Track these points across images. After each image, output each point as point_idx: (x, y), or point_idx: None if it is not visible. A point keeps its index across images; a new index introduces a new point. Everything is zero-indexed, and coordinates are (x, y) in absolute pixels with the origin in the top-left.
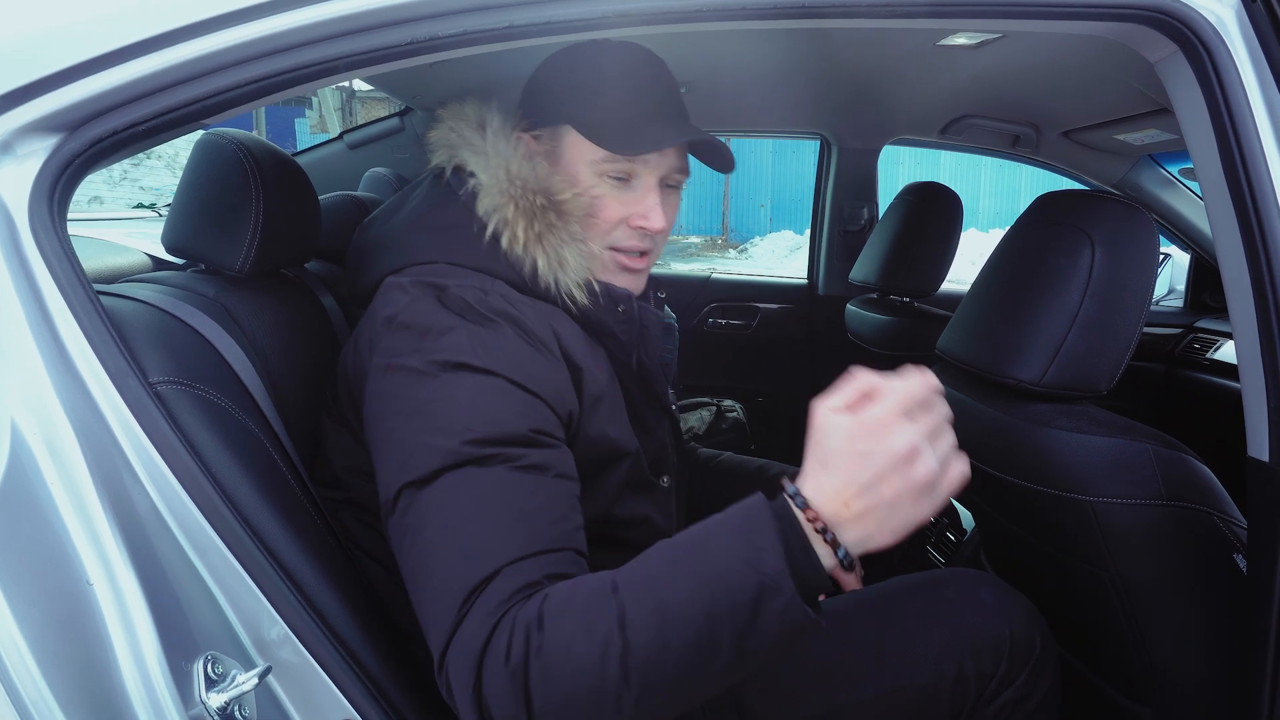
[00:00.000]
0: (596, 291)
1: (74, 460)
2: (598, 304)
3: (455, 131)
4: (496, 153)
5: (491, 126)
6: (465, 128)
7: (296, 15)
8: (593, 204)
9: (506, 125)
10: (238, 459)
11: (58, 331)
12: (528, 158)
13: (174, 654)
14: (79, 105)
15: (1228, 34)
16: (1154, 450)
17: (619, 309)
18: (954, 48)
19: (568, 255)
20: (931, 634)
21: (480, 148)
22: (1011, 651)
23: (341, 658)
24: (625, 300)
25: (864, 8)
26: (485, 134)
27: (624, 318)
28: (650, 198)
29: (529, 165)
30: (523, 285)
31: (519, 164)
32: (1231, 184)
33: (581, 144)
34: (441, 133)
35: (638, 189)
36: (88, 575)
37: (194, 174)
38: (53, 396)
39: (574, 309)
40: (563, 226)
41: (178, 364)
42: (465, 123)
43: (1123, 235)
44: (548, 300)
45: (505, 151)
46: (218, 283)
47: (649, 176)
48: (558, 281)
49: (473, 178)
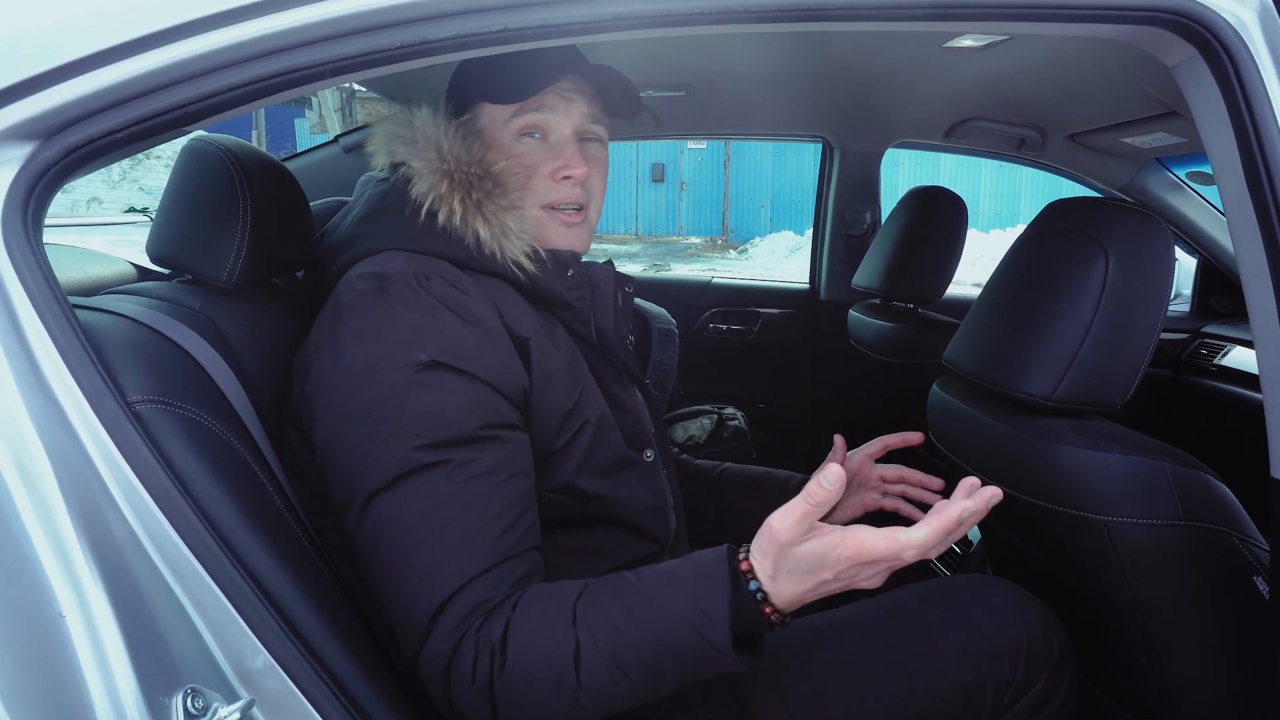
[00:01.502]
0: (544, 258)
1: (47, 484)
2: (546, 271)
3: (386, 131)
4: (425, 138)
5: (419, 117)
6: (395, 126)
7: (282, 18)
8: (521, 166)
9: (434, 115)
10: (220, 481)
11: (31, 349)
12: (459, 138)
13: (151, 688)
14: (54, 112)
15: (1250, 36)
16: (1171, 469)
17: (568, 274)
18: (960, 50)
19: (509, 222)
20: (947, 641)
21: (409, 138)
22: (1029, 656)
23: (328, 688)
24: (572, 262)
25: (872, 10)
26: (414, 126)
27: (574, 282)
28: (568, 148)
29: (460, 143)
30: (468, 260)
31: (449, 143)
32: (1254, 193)
33: (493, 110)
34: (377, 138)
35: (556, 143)
36: (60, 606)
37: (179, 182)
38: (25, 418)
39: (523, 278)
40: (501, 194)
41: (158, 381)
42: (394, 122)
43: (1138, 246)
44: (494, 273)
45: (433, 135)
46: (204, 294)
47: (563, 128)
48: (503, 249)
49: (404, 166)
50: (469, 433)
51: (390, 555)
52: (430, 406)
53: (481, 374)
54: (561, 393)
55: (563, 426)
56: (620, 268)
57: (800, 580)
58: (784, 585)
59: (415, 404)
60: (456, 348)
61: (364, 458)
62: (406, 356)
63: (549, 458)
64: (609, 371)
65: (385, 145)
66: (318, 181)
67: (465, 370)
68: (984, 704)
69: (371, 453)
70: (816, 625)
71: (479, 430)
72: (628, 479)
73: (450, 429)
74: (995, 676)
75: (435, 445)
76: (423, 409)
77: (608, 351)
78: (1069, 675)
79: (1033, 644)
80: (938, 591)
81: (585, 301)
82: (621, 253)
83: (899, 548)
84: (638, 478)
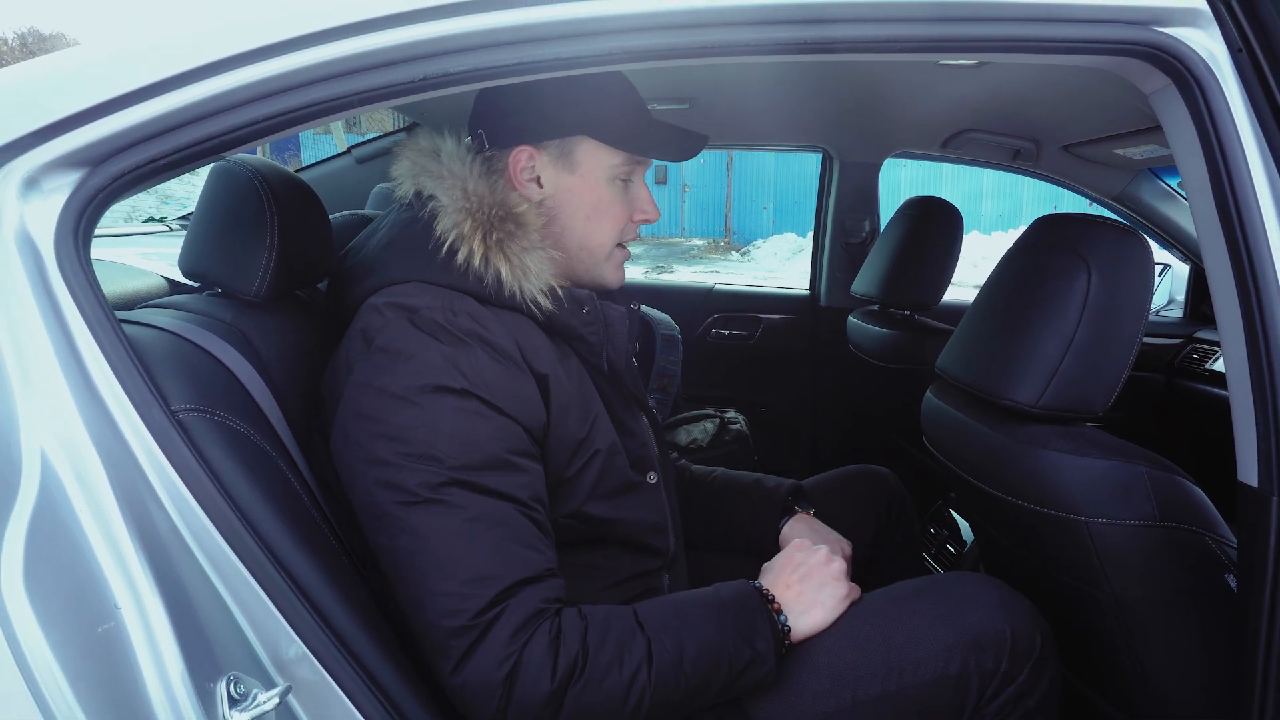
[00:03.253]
0: (560, 296)
1: (101, 488)
2: (562, 308)
3: (412, 160)
4: (452, 174)
5: (445, 151)
6: (420, 156)
7: (310, 54)
8: (601, 207)
9: (460, 149)
10: (257, 484)
11: (84, 362)
12: (483, 176)
13: (198, 674)
14: (102, 142)
15: (1219, 70)
16: (1148, 472)
17: (583, 311)
18: (955, 66)
19: (529, 262)
20: (935, 633)
21: (437, 172)
22: (1013, 649)
23: (358, 676)
24: (588, 301)
25: (866, 44)
26: (440, 159)
27: (589, 318)
28: (647, 193)
29: (484, 183)
30: (488, 298)
31: (474, 182)
32: (1222, 214)
33: (599, 151)
34: (402, 165)
35: (635, 187)
36: (115, 599)
37: (210, 201)
38: (80, 426)
39: (539, 315)
40: (522, 235)
41: (198, 391)
42: (420, 152)
43: (1119, 260)
44: (513, 309)
45: (460, 172)
46: (234, 307)
47: (643, 174)
48: (522, 289)
49: (432, 200)
50: (497, 455)
51: (427, 566)
52: (462, 431)
53: (508, 409)
54: (575, 424)
55: (574, 456)
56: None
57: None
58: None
59: (447, 427)
60: (485, 380)
61: (396, 473)
62: (440, 382)
63: (560, 485)
64: (617, 398)
65: (411, 174)
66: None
67: (492, 403)
68: (969, 694)
69: (405, 468)
70: None
71: (505, 454)
72: (633, 501)
73: (481, 452)
74: (981, 668)
75: (466, 466)
76: (454, 432)
77: (618, 380)
78: (1051, 669)
79: (1017, 638)
80: (926, 587)
81: (599, 337)
82: None
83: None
84: (642, 499)
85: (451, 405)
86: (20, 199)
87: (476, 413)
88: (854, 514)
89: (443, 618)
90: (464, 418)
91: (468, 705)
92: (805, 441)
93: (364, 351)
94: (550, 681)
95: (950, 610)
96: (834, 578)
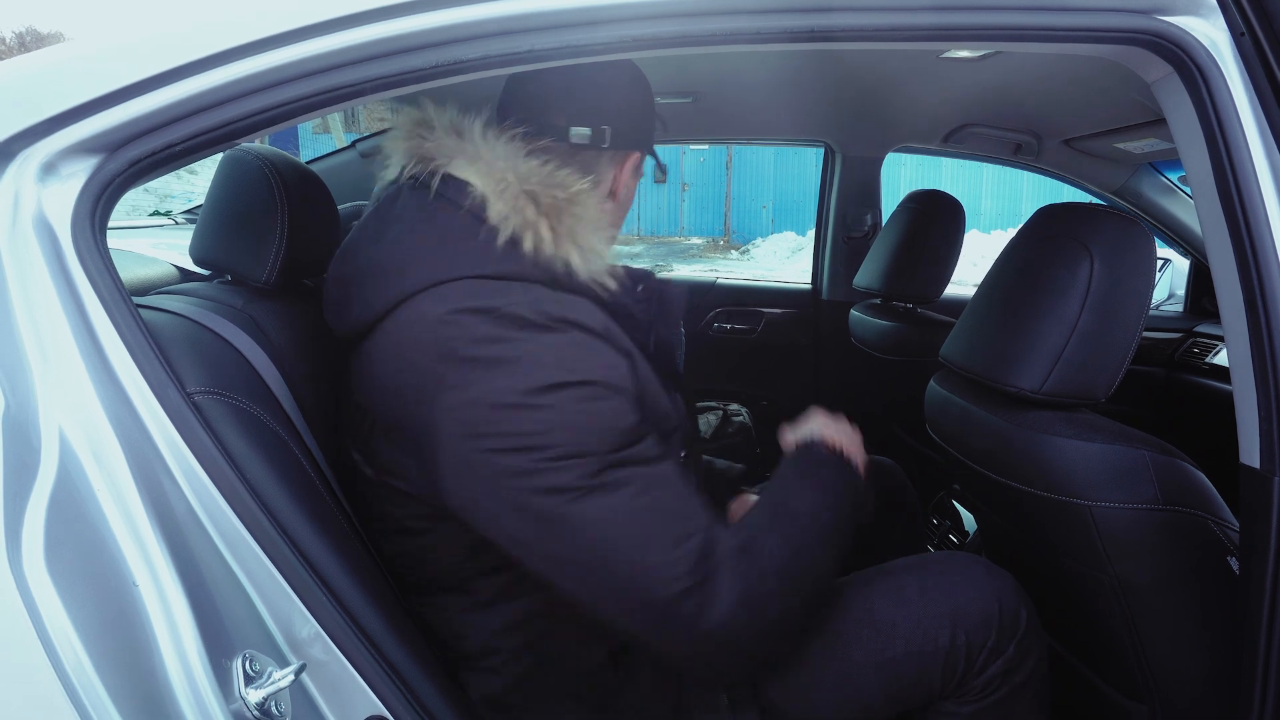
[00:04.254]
0: (621, 275)
1: (118, 468)
2: (623, 287)
3: (432, 141)
4: (496, 156)
5: (474, 132)
6: (443, 136)
7: (324, 41)
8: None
9: (491, 129)
10: (271, 465)
11: (101, 344)
12: (528, 157)
13: (215, 651)
14: (119, 128)
15: (1221, 57)
16: (1150, 456)
17: (639, 288)
18: (957, 60)
19: (598, 245)
20: (926, 607)
21: (473, 154)
22: (1000, 624)
23: (370, 655)
24: (644, 278)
25: (869, 32)
26: (469, 140)
27: (643, 295)
28: None
29: (534, 163)
30: (554, 285)
31: (524, 164)
32: (1225, 201)
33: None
34: (412, 144)
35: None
36: (134, 577)
37: (221, 189)
38: (97, 406)
39: (605, 296)
40: (588, 217)
41: (212, 374)
42: (441, 131)
43: (1121, 249)
44: (580, 292)
45: (505, 153)
46: (245, 294)
47: None
48: (591, 273)
49: (470, 186)
50: (630, 428)
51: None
52: (592, 419)
53: (619, 384)
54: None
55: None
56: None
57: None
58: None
59: (579, 420)
60: (593, 364)
61: (547, 478)
62: (554, 379)
63: None
64: (660, 379)
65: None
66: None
67: (608, 383)
68: (958, 666)
69: (552, 471)
70: None
71: (637, 425)
72: None
73: (616, 430)
74: (970, 641)
75: (615, 448)
76: (588, 423)
77: (664, 360)
78: (1037, 647)
79: (1003, 612)
80: (916, 564)
81: (650, 313)
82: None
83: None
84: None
85: (574, 396)
86: (38, 184)
87: (598, 397)
88: None
89: (662, 587)
90: (590, 405)
91: (716, 653)
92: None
93: (449, 368)
94: (778, 598)
95: (939, 585)
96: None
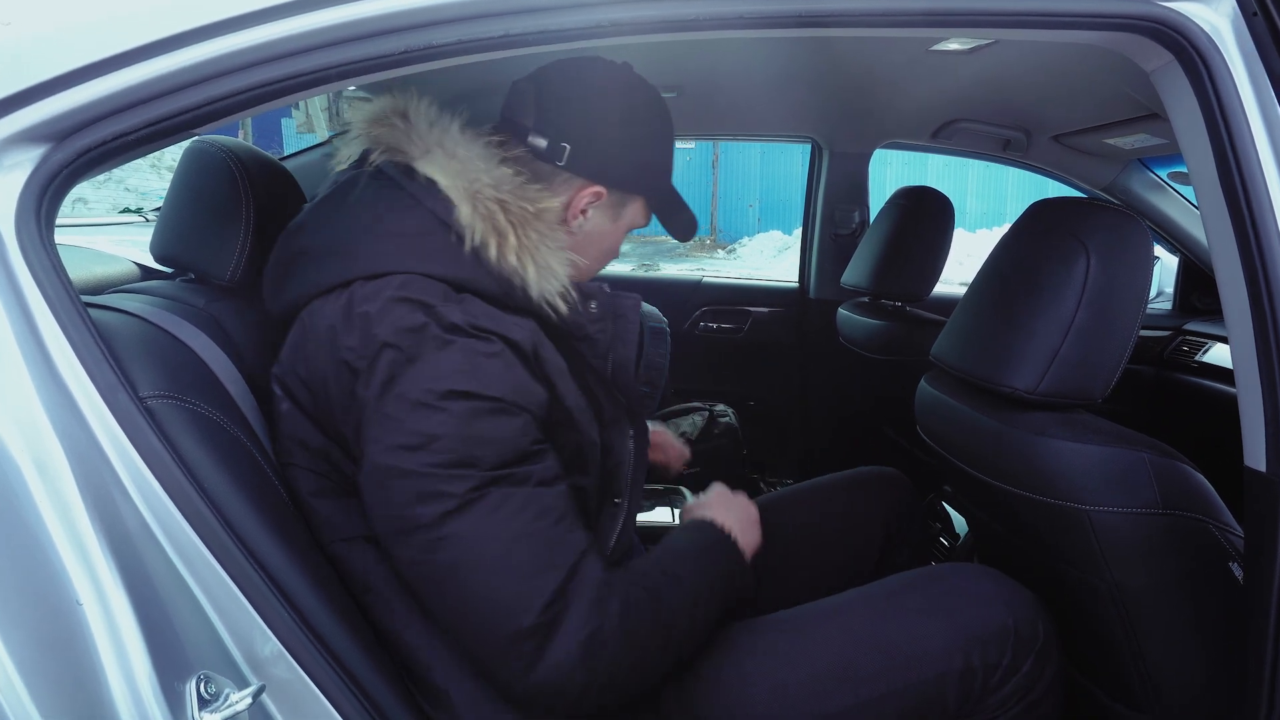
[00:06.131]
0: (574, 297)
1: (63, 477)
2: (575, 309)
3: (405, 132)
4: (471, 158)
5: (451, 130)
6: (419, 129)
7: (289, 24)
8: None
9: (467, 130)
10: (229, 474)
11: (46, 346)
12: (501, 164)
13: (166, 673)
14: (66, 115)
15: (1223, 44)
16: (1150, 459)
17: (592, 306)
18: (946, 53)
19: (554, 264)
20: (935, 628)
21: (449, 152)
22: (1015, 641)
23: (336, 674)
24: (598, 294)
25: (862, 17)
26: (446, 138)
27: (597, 314)
28: None
29: (509, 171)
30: (503, 298)
31: (497, 169)
32: (1227, 193)
33: (641, 211)
34: (383, 131)
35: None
36: (77, 595)
37: (182, 182)
38: (41, 413)
39: (553, 318)
40: (550, 235)
41: (168, 377)
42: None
43: (1118, 244)
44: (527, 312)
45: (480, 156)
46: (207, 292)
47: None
48: (542, 292)
49: (438, 185)
50: (525, 448)
51: (479, 570)
52: (492, 433)
53: (528, 405)
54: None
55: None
56: (609, 267)
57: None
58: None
59: (478, 432)
60: (507, 381)
61: (428, 483)
62: (463, 387)
63: None
64: (609, 411)
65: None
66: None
67: (516, 402)
68: (974, 687)
69: (435, 477)
70: (805, 616)
71: (531, 446)
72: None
73: (511, 447)
74: (984, 662)
75: (500, 464)
76: (486, 436)
77: (618, 388)
78: (1055, 660)
79: (1019, 629)
80: (924, 579)
81: (607, 334)
82: None
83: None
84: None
85: (477, 409)
86: None
87: (501, 413)
88: (863, 517)
89: (508, 621)
90: (490, 420)
91: (549, 699)
92: (795, 435)
93: (376, 352)
94: (632, 652)
95: (949, 603)
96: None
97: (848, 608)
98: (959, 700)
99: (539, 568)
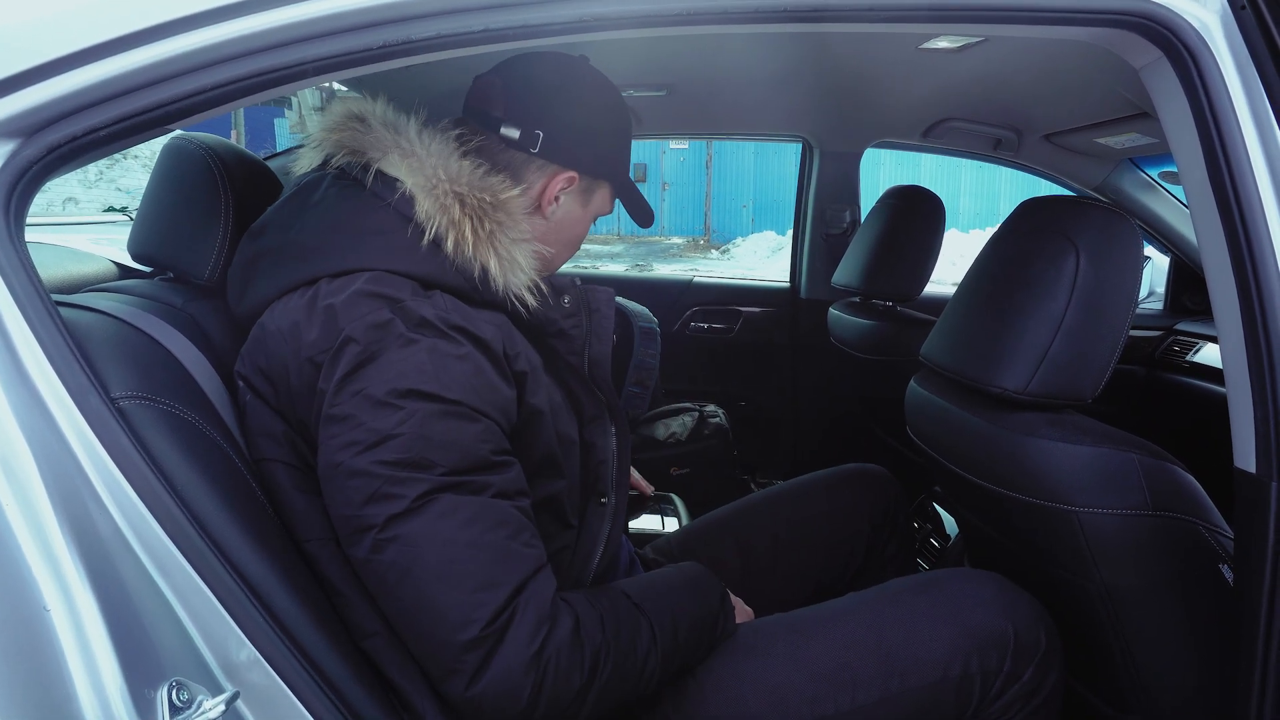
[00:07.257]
0: (543, 291)
1: (31, 480)
2: (545, 303)
3: (366, 134)
4: (430, 153)
5: (409, 129)
6: (378, 131)
7: (264, 18)
8: (580, 240)
9: (428, 129)
10: (204, 476)
11: (14, 347)
12: (463, 157)
13: (136, 681)
14: (35, 110)
15: (1212, 40)
16: (1140, 460)
17: (565, 301)
18: (936, 51)
19: (518, 256)
20: (935, 634)
21: (407, 150)
22: (1016, 648)
23: (313, 680)
24: (569, 288)
25: (851, 11)
26: (404, 136)
27: (570, 309)
28: None
29: (468, 164)
30: (470, 293)
31: (456, 163)
32: (1216, 189)
33: (608, 198)
34: (344, 135)
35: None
36: (44, 600)
37: (161, 179)
38: (9, 414)
39: (523, 313)
40: (512, 225)
41: (142, 378)
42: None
43: (1108, 242)
44: (495, 306)
45: (438, 151)
46: (185, 292)
47: None
48: (508, 284)
49: (399, 183)
50: (483, 457)
51: (426, 577)
52: (450, 437)
53: (490, 411)
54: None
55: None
56: (603, 268)
57: None
58: None
59: (435, 434)
60: (471, 384)
61: (381, 484)
62: (424, 387)
63: None
64: (590, 408)
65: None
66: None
67: (478, 408)
68: (972, 695)
69: (394, 478)
70: (804, 619)
71: (490, 454)
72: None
73: (468, 455)
74: (984, 668)
75: (455, 470)
76: (443, 439)
77: (595, 384)
78: (1057, 667)
79: (1020, 636)
80: (924, 585)
81: (581, 329)
82: (604, 253)
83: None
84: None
85: (436, 411)
86: None
87: (461, 417)
88: (849, 513)
89: (452, 632)
90: (448, 423)
91: (491, 714)
92: (785, 435)
93: (338, 346)
94: (581, 676)
95: (949, 609)
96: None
97: (847, 611)
98: (958, 707)
99: (488, 580)
